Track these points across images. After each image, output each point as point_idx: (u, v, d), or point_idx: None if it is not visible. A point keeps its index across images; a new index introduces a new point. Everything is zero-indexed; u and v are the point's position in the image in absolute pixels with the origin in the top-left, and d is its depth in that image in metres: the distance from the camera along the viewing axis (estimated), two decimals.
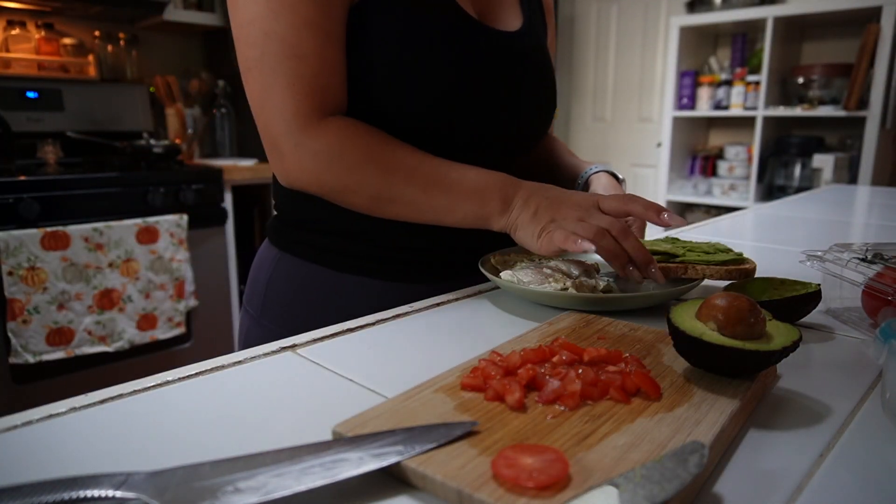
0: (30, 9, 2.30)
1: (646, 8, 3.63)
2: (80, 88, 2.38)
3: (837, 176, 2.82)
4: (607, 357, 0.47)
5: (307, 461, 0.34)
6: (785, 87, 3.07)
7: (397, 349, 0.55)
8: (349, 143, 0.67)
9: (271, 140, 0.68)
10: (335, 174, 0.67)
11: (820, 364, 0.53)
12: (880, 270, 0.61)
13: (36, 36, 2.31)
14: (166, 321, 2.09)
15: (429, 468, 0.34)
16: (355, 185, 0.68)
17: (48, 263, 1.82)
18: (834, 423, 0.42)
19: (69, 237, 1.85)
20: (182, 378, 0.49)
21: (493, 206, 0.68)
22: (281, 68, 0.65)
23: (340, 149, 0.66)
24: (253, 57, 0.66)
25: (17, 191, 1.80)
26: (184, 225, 2.09)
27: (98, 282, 1.92)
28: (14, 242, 1.76)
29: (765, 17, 2.84)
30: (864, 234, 1.19)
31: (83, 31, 2.47)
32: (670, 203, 3.38)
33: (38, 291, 1.81)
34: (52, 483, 0.31)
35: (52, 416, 0.42)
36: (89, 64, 2.44)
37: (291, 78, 0.65)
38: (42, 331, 1.84)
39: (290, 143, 0.67)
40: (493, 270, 0.73)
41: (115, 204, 1.98)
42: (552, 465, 0.33)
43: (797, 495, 0.34)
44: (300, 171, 0.68)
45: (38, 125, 2.28)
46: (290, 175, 0.70)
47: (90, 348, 1.94)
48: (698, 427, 0.38)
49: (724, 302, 0.45)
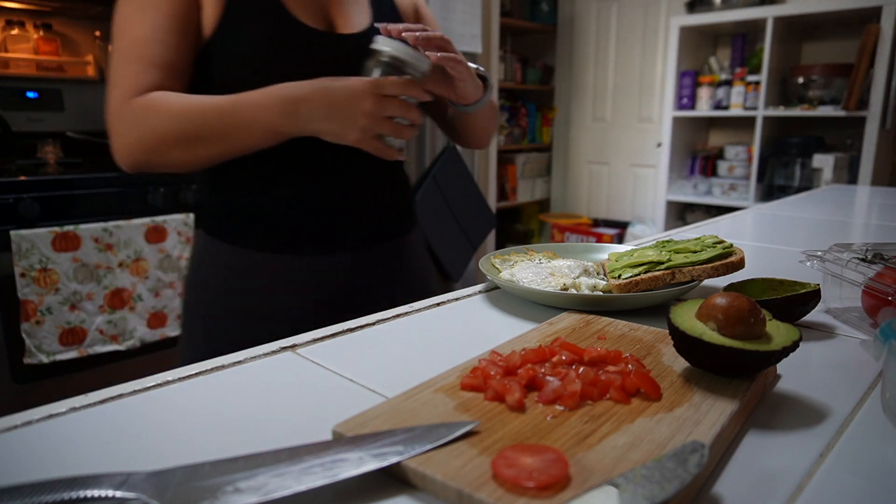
0: (29, 9, 2.30)
1: (646, 8, 3.63)
2: (80, 88, 2.38)
3: (837, 176, 2.82)
4: (607, 357, 0.47)
5: (307, 461, 0.34)
6: (785, 88, 3.07)
7: (397, 349, 0.55)
8: (151, 106, 0.75)
9: (108, 128, 0.78)
10: (149, 133, 0.75)
11: (820, 364, 0.53)
12: (880, 270, 0.61)
13: (34, 36, 2.31)
14: (176, 319, 2.11)
15: (429, 468, 0.34)
16: (168, 137, 0.75)
17: (60, 265, 1.83)
18: (834, 423, 0.42)
19: (80, 238, 1.86)
20: (182, 378, 0.49)
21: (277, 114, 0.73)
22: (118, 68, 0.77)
23: (147, 111, 0.75)
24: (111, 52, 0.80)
25: (18, 191, 1.80)
26: (191, 223, 2.10)
27: (109, 282, 1.94)
28: (26, 244, 1.77)
29: (765, 17, 2.84)
30: (864, 234, 1.19)
31: (83, 31, 2.47)
32: (670, 203, 3.38)
33: (50, 292, 1.83)
34: (53, 483, 0.31)
35: (52, 416, 0.42)
36: (89, 64, 2.44)
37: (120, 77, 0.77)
38: (55, 331, 1.85)
39: (114, 124, 0.77)
40: (494, 270, 0.73)
41: (115, 204, 1.99)
42: (552, 465, 0.33)
43: (797, 495, 0.34)
44: (125, 145, 0.76)
45: (38, 125, 2.28)
46: (121, 154, 0.77)
47: (102, 347, 1.96)
48: (698, 427, 0.38)
49: (724, 302, 0.45)
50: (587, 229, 3.77)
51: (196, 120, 0.74)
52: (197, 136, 0.75)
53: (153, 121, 0.75)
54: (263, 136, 0.75)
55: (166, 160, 0.77)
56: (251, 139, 0.75)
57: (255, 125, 0.74)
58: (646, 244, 0.87)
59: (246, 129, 0.74)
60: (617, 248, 0.83)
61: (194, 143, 0.75)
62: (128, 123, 0.76)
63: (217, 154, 0.77)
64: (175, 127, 0.75)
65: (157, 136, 0.75)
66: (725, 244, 0.69)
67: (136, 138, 0.76)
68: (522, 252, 0.80)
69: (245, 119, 0.74)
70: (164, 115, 0.75)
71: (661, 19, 3.58)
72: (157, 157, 0.77)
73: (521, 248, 0.81)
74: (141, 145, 0.76)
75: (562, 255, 0.82)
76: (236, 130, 0.74)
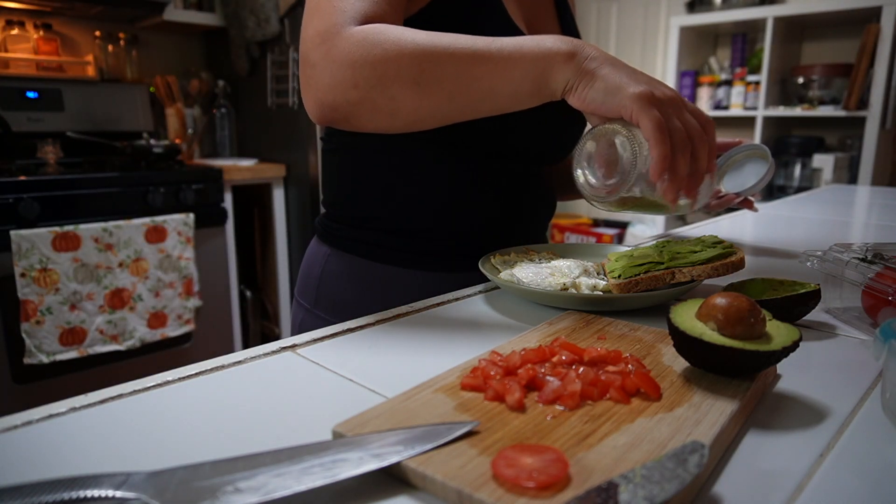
0: (29, 9, 2.30)
1: (646, 8, 3.63)
2: (80, 88, 2.38)
3: (837, 176, 2.82)
4: (607, 357, 0.47)
5: (307, 461, 0.34)
6: (785, 87, 3.07)
7: (397, 349, 0.55)
8: (381, 34, 0.61)
9: (304, 60, 0.64)
10: (371, 65, 0.60)
11: (820, 364, 0.53)
12: (880, 270, 0.61)
13: (34, 36, 2.31)
14: (176, 318, 2.11)
15: (429, 468, 0.34)
16: (393, 72, 0.60)
17: (60, 265, 1.83)
18: (834, 423, 0.42)
19: (80, 238, 1.86)
20: (182, 378, 0.49)
21: (556, 55, 0.59)
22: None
23: (374, 38, 0.60)
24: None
25: (18, 191, 1.80)
26: (191, 223, 2.10)
27: (109, 281, 1.94)
28: (26, 244, 1.77)
29: (765, 17, 2.84)
30: (864, 234, 1.19)
31: (83, 31, 2.47)
32: None
33: (50, 292, 1.83)
34: (53, 483, 0.31)
35: (52, 416, 0.42)
36: (89, 64, 2.44)
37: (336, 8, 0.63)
38: (55, 331, 1.85)
39: (320, 53, 0.62)
40: (494, 270, 0.73)
41: (115, 204, 1.99)
42: (552, 465, 0.33)
43: (797, 495, 0.34)
44: (331, 77, 0.62)
45: (38, 125, 2.28)
46: (319, 90, 0.63)
47: (102, 347, 1.96)
48: (698, 427, 0.38)
49: (724, 302, 0.45)
50: (587, 229, 3.77)
51: (440, 51, 0.60)
52: (436, 79, 0.60)
53: (382, 48, 0.60)
54: (525, 75, 0.60)
55: (383, 101, 0.62)
56: (507, 80, 0.60)
57: (523, 55, 0.59)
58: (646, 244, 0.87)
59: (508, 60, 0.59)
60: (617, 248, 0.83)
61: (430, 87, 0.60)
62: (340, 52, 0.61)
63: (456, 103, 0.62)
64: (415, 64, 0.60)
65: (384, 66, 0.60)
66: (725, 244, 0.69)
67: (352, 71, 0.60)
68: (522, 252, 0.80)
69: (508, 48, 0.60)
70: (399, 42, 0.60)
71: (661, 19, 3.58)
72: (375, 96, 0.61)
73: (521, 248, 0.81)
74: (357, 78, 0.60)
75: (562, 255, 0.81)
76: (494, 60, 0.60)
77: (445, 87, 0.61)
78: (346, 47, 0.61)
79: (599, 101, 0.58)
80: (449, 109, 0.63)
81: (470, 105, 0.63)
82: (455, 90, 0.61)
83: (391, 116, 0.63)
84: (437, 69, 0.60)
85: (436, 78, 0.60)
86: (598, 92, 0.58)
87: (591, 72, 0.59)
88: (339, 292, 0.84)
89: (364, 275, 0.82)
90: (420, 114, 0.63)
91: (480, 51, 0.60)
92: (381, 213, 0.81)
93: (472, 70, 0.60)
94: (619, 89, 0.57)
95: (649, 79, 0.58)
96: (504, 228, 0.85)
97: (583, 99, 0.59)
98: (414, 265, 0.81)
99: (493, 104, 0.63)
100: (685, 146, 0.56)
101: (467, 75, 0.60)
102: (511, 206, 0.84)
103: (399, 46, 0.60)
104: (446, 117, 0.64)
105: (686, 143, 0.56)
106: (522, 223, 0.87)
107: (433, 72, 0.60)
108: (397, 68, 0.60)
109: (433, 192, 0.80)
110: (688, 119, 0.58)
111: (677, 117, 0.57)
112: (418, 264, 0.81)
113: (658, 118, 0.55)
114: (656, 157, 0.55)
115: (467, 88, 0.61)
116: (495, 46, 0.60)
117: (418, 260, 0.81)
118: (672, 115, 0.56)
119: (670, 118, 0.56)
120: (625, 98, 0.56)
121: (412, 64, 0.60)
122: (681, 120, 0.57)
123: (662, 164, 0.55)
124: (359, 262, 0.83)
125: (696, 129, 0.57)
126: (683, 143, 0.56)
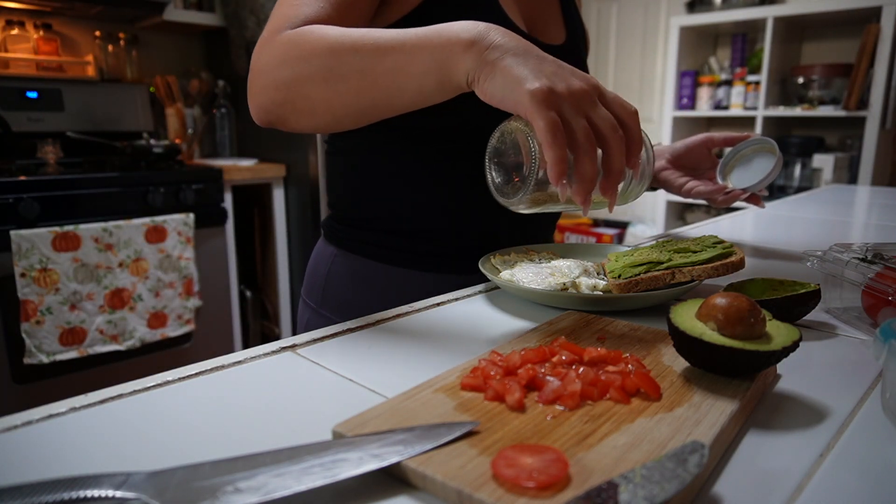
0: (29, 9, 2.30)
1: (646, 8, 3.63)
2: (80, 88, 2.38)
3: (837, 176, 2.82)
4: (607, 357, 0.47)
5: (307, 461, 0.34)
6: (785, 87, 3.07)
7: (397, 349, 0.55)
8: (305, 35, 0.61)
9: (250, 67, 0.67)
10: (288, 65, 0.61)
11: (820, 364, 0.53)
12: (880, 270, 0.61)
13: (34, 36, 2.31)
14: (176, 318, 2.11)
15: (429, 468, 0.34)
16: (306, 71, 0.61)
17: (60, 265, 1.83)
18: (834, 423, 0.42)
19: (79, 238, 1.86)
20: (182, 378, 0.48)
21: (455, 44, 0.54)
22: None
23: (297, 39, 0.61)
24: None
25: (18, 191, 1.80)
26: (191, 223, 2.10)
27: (109, 281, 1.94)
28: (26, 244, 1.77)
29: (765, 17, 2.84)
30: (864, 234, 1.19)
31: (83, 31, 2.47)
32: (670, 203, 3.38)
33: (50, 292, 1.83)
34: (53, 483, 0.31)
35: (52, 416, 0.42)
36: (89, 64, 2.44)
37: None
38: (55, 331, 1.85)
39: (255, 58, 0.65)
40: (494, 270, 0.73)
41: (115, 204, 1.99)
42: (552, 465, 0.33)
43: (797, 495, 0.34)
44: (261, 80, 0.64)
45: (38, 125, 2.28)
46: (253, 93, 0.65)
47: (102, 347, 1.96)
48: (698, 427, 0.38)
49: (724, 302, 0.45)
50: (587, 229, 3.77)
51: (347, 46, 0.58)
52: (341, 76, 0.59)
53: (300, 48, 0.61)
54: (427, 67, 0.56)
55: (302, 100, 0.62)
56: (409, 74, 0.57)
57: (423, 47, 0.56)
58: (646, 244, 0.87)
59: (409, 53, 0.56)
60: (617, 248, 0.83)
61: (336, 84, 0.60)
62: (268, 56, 0.63)
63: (365, 99, 0.60)
64: (325, 62, 0.60)
65: (299, 66, 0.61)
66: (725, 244, 0.69)
67: (275, 73, 0.62)
68: (522, 252, 0.80)
69: (412, 39, 0.57)
70: (315, 40, 0.60)
71: (661, 19, 3.58)
72: (294, 97, 0.62)
73: (521, 248, 0.81)
74: (277, 80, 0.62)
75: (562, 255, 0.81)
76: (396, 53, 0.57)
77: (352, 84, 0.59)
78: (273, 50, 0.62)
79: (499, 96, 0.53)
80: (360, 106, 0.61)
81: (381, 100, 0.61)
82: (361, 86, 0.59)
83: (311, 115, 0.63)
84: (343, 65, 0.59)
85: (341, 74, 0.59)
86: (496, 87, 0.53)
87: (491, 63, 0.53)
88: (345, 293, 0.84)
89: (369, 275, 0.83)
90: (335, 112, 0.62)
91: (385, 44, 0.58)
92: (383, 214, 0.82)
93: (376, 64, 0.58)
94: (517, 84, 0.51)
95: (555, 70, 0.52)
96: (510, 230, 0.85)
97: (485, 92, 0.54)
98: (419, 266, 0.82)
99: (402, 99, 0.60)
100: (589, 146, 0.51)
101: (371, 70, 0.58)
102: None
103: (312, 45, 0.60)
104: (362, 114, 0.62)
105: (590, 143, 0.51)
106: (527, 226, 0.87)
107: (339, 68, 0.59)
108: (308, 67, 0.60)
109: (435, 194, 0.80)
110: (599, 115, 0.52)
111: (586, 114, 0.52)
112: (423, 265, 0.82)
113: (551, 119, 0.49)
114: (549, 161, 0.50)
115: (373, 83, 0.59)
116: (400, 38, 0.57)
117: (423, 261, 0.82)
118: (575, 113, 0.51)
119: (573, 117, 0.51)
120: (521, 95, 0.50)
121: (321, 61, 0.59)
122: (591, 116, 0.52)
123: (556, 168, 0.50)
124: (364, 262, 0.83)
125: (609, 126, 0.52)
126: (587, 142, 0.51)
